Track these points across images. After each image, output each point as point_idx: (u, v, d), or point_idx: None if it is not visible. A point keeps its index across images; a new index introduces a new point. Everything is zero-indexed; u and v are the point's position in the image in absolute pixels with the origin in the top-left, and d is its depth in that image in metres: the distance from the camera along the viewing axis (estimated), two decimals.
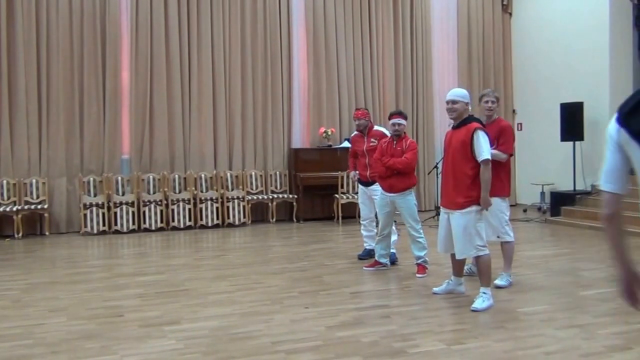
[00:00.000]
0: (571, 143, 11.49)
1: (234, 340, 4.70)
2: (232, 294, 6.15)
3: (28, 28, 10.22)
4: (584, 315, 5.29)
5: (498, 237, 6.20)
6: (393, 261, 7.36)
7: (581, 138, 11.34)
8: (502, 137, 6.02)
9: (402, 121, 6.87)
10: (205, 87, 11.29)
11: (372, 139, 7.43)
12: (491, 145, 5.63)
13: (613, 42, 11.35)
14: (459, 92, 5.68)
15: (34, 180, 10.21)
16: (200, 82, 11.27)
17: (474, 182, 5.48)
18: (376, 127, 7.71)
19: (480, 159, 5.41)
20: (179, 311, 5.54)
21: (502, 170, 6.08)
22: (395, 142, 6.91)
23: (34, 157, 10.33)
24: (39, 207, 10.09)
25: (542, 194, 12.39)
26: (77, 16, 10.50)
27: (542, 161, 12.82)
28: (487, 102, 6.22)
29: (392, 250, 7.33)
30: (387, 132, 7.43)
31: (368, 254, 7.74)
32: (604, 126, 9.48)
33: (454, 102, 5.61)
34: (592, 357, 4.27)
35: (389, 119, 7.01)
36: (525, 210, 12.50)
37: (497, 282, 6.17)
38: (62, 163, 10.45)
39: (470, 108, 5.65)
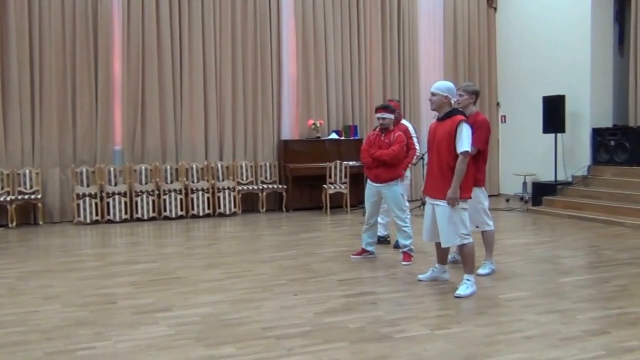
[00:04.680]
0: (553, 135, 11.69)
1: (225, 327, 4.79)
2: (223, 282, 6.23)
3: (20, 20, 10.23)
4: (563, 300, 5.42)
5: (477, 227, 6.33)
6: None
7: (562, 130, 11.54)
8: (475, 131, 6.13)
9: (386, 115, 6.98)
10: (196, 79, 11.35)
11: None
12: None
13: (594, 37, 11.54)
14: (438, 85, 5.79)
15: (27, 171, 10.25)
16: (191, 74, 11.33)
17: None
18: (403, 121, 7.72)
19: (459, 150, 5.52)
20: (171, 298, 5.62)
21: (480, 160, 6.22)
22: (383, 134, 7.04)
23: (27, 148, 10.37)
24: (33, 197, 10.15)
25: (524, 184, 12.60)
26: (69, 7, 10.52)
27: (525, 152, 13.03)
28: (456, 95, 6.31)
29: (412, 240, 7.27)
30: (412, 130, 7.72)
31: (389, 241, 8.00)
32: (585, 119, 9.73)
33: (432, 94, 5.76)
34: (570, 341, 4.39)
35: (375, 112, 7.15)
36: (507, 200, 12.70)
37: (480, 270, 6.31)
38: (55, 154, 10.50)
39: (452, 101, 5.75)
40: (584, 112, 11.66)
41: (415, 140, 7.75)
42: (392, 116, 7.05)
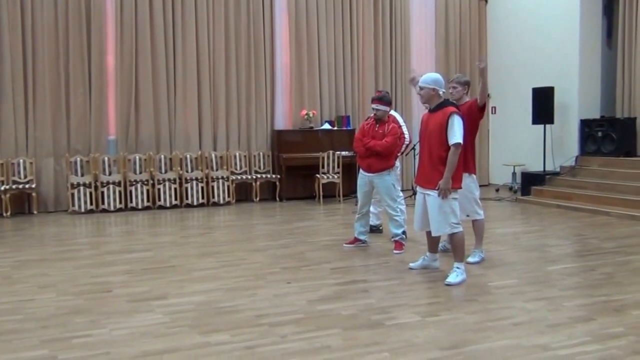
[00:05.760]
0: (542, 126, 11.81)
1: (219, 314, 4.85)
2: (217, 270, 6.30)
3: (13, 11, 10.22)
4: (550, 288, 5.51)
5: (468, 215, 6.42)
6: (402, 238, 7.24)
7: (551, 121, 11.68)
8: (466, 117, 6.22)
9: (381, 107, 7.04)
10: (190, 69, 11.38)
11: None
12: None
13: (583, 30, 11.67)
14: (426, 79, 5.83)
15: (21, 160, 10.28)
16: (185, 64, 11.35)
17: None
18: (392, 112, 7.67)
19: (451, 142, 5.59)
20: (166, 286, 5.67)
21: (469, 148, 6.27)
22: (377, 124, 7.11)
23: (21, 138, 10.39)
24: (27, 186, 10.18)
25: (514, 174, 12.72)
26: None
27: (514, 143, 13.16)
28: (449, 87, 6.41)
29: (403, 229, 7.26)
30: (400, 119, 7.70)
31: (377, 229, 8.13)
32: (573, 110, 9.87)
33: (420, 88, 5.83)
34: (557, 327, 4.48)
35: (371, 103, 7.21)
36: (497, 190, 12.82)
37: (470, 259, 6.41)
38: (49, 143, 10.53)
39: (441, 93, 5.79)
40: (572, 104, 11.79)
41: (404, 128, 7.81)
42: (387, 108, 7.11)
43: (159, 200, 10.82)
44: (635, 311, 4.85)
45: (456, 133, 5.59)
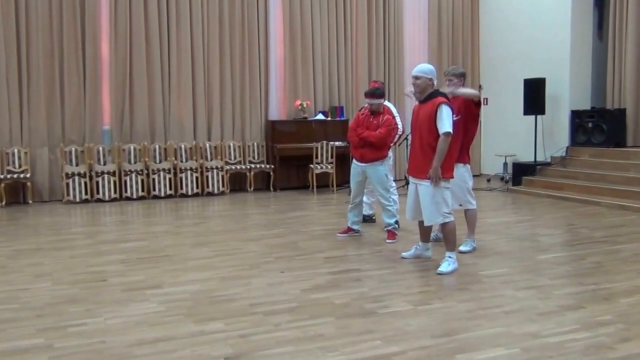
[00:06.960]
0: (533, 117, 11.88)
1: (214, 303, 4.88)
2: (211, 260, 6.32)
3: (6, 1, 10.18)
4: (541, 277, 5.56)
5: (460, 205, 6.47)
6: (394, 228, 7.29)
7: (542, 112, 11.76)
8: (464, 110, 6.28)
9: (374, 101, 7.09)
10: (185, 59, 11.38)
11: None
12: (456, 116, 5.87)
13: (574, 22, 11.73)
14: (422, 68, 5.88)
15: (15, 150, 10.29)
16: (179, 54, 11.34)
17: None
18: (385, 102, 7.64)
19: (441, 131, 5.63)
20: (161, 276, 5.69)
21: (466, 138, 6.34)
22: (372, 115, 7.15)
23: (16, 128, 10.39)
24: (22, 176, 10.19)
25: (505, 164, 12.81)
26: None
27: (506, 134, 13.23)
28: (445, 80, 6.45)
29: (396, 218, 7.31)
30: (394, 109, 7.74)
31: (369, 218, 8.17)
32: (564, 101, 9.93)
33: (416, 77, 5.84)
34: (547, 315, 4.52)
35: (365, 97, 7.25)
36: (489, 180, 12.90)
37: (462, 248, 6.46)
38: (43, 133, 10.53)
39: (435, 83, 5.85)
40: (563, 95, 11.87)
41: (397, 119, 7.84)
42: (380, 101, 7.14)
43: (154, 190, 10.85)
44: (624, 299, 4.90)
45: (445, 122, 5.62)
